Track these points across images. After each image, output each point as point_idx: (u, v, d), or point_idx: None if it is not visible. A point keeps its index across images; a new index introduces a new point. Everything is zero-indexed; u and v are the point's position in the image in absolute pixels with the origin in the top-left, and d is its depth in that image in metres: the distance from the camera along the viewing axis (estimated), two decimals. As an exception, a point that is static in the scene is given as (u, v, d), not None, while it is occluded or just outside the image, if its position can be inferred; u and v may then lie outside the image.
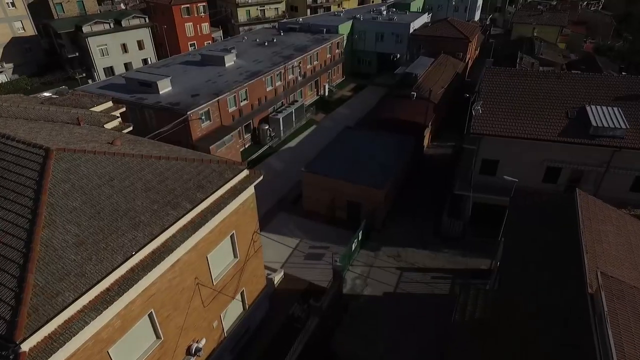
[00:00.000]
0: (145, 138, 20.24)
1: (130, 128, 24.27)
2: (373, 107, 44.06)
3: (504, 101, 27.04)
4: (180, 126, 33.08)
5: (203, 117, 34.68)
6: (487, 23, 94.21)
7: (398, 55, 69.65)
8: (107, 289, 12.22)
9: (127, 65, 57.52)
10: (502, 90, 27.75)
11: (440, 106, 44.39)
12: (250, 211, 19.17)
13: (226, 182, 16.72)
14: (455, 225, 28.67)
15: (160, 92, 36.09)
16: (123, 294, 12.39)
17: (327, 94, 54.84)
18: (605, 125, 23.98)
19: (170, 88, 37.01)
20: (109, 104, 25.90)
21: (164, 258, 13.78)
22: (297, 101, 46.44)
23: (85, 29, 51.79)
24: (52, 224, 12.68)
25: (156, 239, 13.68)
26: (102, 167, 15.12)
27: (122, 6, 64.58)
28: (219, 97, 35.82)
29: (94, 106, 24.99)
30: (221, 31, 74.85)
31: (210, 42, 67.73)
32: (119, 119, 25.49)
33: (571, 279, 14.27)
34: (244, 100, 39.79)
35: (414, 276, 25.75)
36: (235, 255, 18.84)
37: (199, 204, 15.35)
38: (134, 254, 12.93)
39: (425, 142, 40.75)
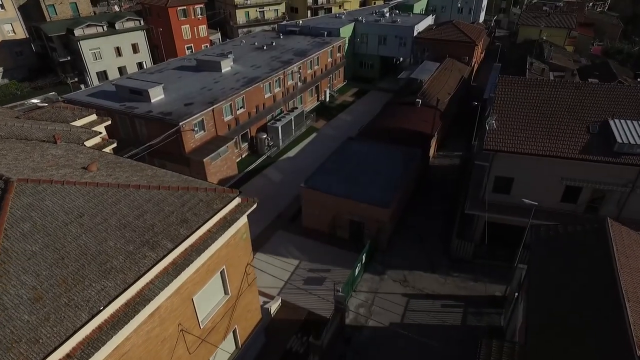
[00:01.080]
0: (127, 158, 18.30)
1: (114, 145, 22.37)
2: (376, 115, 42.10)
3: (519, 114, 25.07)
4: (173, 137, 31.18)
5: (197, 128, 32.74)
6: (492, 25, 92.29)
7: (401, 59, 67.88)
8: (67, 355, 10.28)
9: (121, 70, 55.60)
10: (517, 102, 25.78)
11: (447, 114, 42.44)
12: (243, 242, 17.22)
13: (214, 214, 14.78)
14: (465, 246, 26.71)
15: (152, 101, 34.16)
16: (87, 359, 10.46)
17: (328, 99, 52.91)
18: (632, 141, 22.00)
19: (162, 96, 35.07)
20: (93, 116, 23.99)
21: (140, 310, 11.85)
22: (296, 108, 44.51)
23: (77, 32, 49.86)
24: (5, 275, 10.74)
25: (130, 288, 11.75)
26: (70, 201, 13.18)
27: (117, 8, 62.62)
28: (214, 106, 33.87)
29: (75, 120, 23.08)
30: (219, 33, 72.93)
31: (208, 44, 65.80)
32: (103, 134, 23.62)
33: (612, 334, 12.31)
34: (241, 108, 37.85)
35: (422, 304, 23.78)
36: (226, 292, 16.90)
37: (182, 242, 13.41)
38: (102, 309, 10.99)
39: (431, 152, 38.77)
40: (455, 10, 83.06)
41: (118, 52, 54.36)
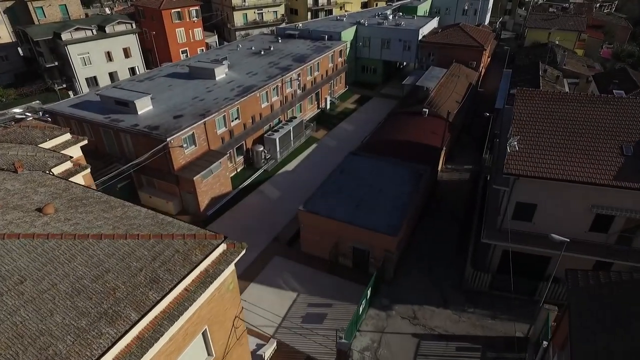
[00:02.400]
0: (97, 191, 15.76)
1: (87, 171, 19.87)
2: (380, 125, 39.55)
3: (542, 133, 22.49)
4: (160, 154, 28.63)
5: (186, 143, 30.19)
6: (497, 27, 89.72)
7: (405, 63, 65.33)
8: None
9: (112, 75, 53.07)
10: (539, 119, 23.20)
11: (455, 124, 39.85)
12: (230, 294, 14.66)
13: (193, 268, 12.22)
14: (481, 277, 24.15)
15: (139, 113, 31.60)
16: None
17: (328, 107, 50.35)
18: (673, 166, 19.47)
19: (150, 107, 32.52)
20: (66, 136, 21.52)
21: (90, 409, 9.30)
22: (295, 117, 41.94)
23: (65, 36, 47.32)
24: None
25: (78, 382, 9.19)
26: (10, 261, 10.64)
27: (108, 10, 60.12)
28: (206, 119, 31.32)
29: (46, 140, 20.57)
30: (216, 36, 70.41)
31: (203, 48, 63.26)
32: (78, 156, 21.13)
33: None
34: (236, 119, 35.30)
35: (435, 347, 21.22)
36: (209, 354, 14.34)
37: (150, 309, 10.86)
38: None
39: (439, 165, 36.21)
40: (460, 12, 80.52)
41: (109, 56, 51.82)
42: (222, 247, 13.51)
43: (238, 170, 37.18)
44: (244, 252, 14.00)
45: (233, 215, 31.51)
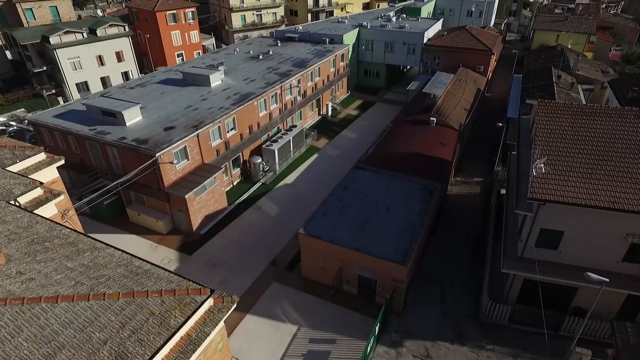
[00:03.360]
0: (66, 228, 13.55)
1: (61, 198, 17.60)
2: (385, 135, 37.30)
3: (570, 152, 20.28)
4: (150, 170, 26.43)
5: (178, 157, 27.97)
6: (503, 28, 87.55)
7: (409, 66, 63.13)
8: None
9: (104, 80, 50.83)
10: (566, 136, 21.00)
11: (464, 133, 37.63)
12: (219, 353, 12.45)
13: (172, 336, 10.02)
14: (499, 309, 21.94)
15: (127, 124, 29.38)
16: None
17: (330, 113, 48.14)
18: None
19: (140, 118, 30.30)
20: (41, 156, 19.28)
21: None
22: (295, 126, 39.71)
23: (53, 39, 45.07)
24: None
25: None
26: None
27: (100, 13, 57.86)
28: (199, 131, 29.09)
29: (16, 162, 18.35)
30: (213, 39, 68.18)
31: (200, 51, 61.04)
32: (53, 178, 18.93)
33: None
34: (232, 130, 33.08)
35: (451, 393, 19.03)
36: None
37: (113, 399, 8.65)
38: None
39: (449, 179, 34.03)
40: (464, 14, 78.51)
41: (100, 61, 49.58)
42: (209, 303, 11.27)
43: (234, 183, 34.96)
44: (234, 306, 11.75)
45: (228, 234, 29.29)
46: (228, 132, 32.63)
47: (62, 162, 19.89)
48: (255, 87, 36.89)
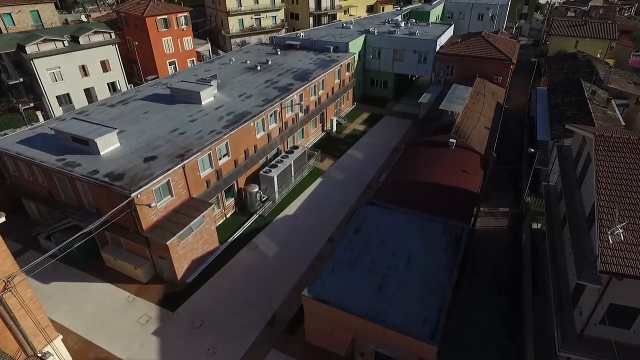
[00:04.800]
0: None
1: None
2: (398, 158, 33.10)
3: (646, 205, 16.08)
4: (126, 211, 22.25)
5: (160, 194, 23.76)
6: (514, 32, 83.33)
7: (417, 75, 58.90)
8: None
9: (89, 92, 46.56)
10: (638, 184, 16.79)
11: (487, 155, 33.38)
12: None
13: None
14: (551, 394, 17.75)
15: (102, 153, 25.19)
16: None
17: (334, 129, 43.93)
18: None
19: (117, 145, 26.10)
20: (-28, 214, 15.02)
21: None
22: (297, 147, 35.48)
23: (30, 48, 40.82)
24: None
25: None
26: None
27: (84, 18, 53.58)
28: (186, 161, 24.88)
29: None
30: (209, 44, 63.94)
31: (194, 59, 56.79)
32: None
33: None
34: (225, 156, 28.89)
35: None
36: None
37: None
38: None
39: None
40: (475, 17, 74.34)
41: (84, 71, 45.35)
42: None
43: (227, 215, 30.77)
44: None
45: (219, 282, 25.08)
46: (220, 159, 28.44)
47: (3, 219, 15.69)
48: (251, 105, 32.68)
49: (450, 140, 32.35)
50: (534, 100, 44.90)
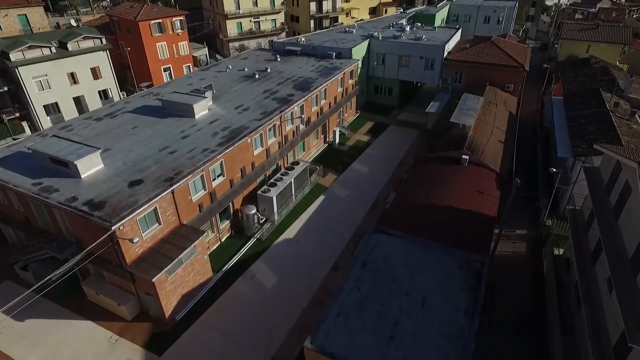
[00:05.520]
0: None
1: None
2: (407, 176, 30.78)
3: None
4: (108, 245, 19.90)
5: (145, 224, 21.41)
6: (521, 35, 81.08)
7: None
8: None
9: (78, 100, 44.26)
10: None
11: (503, 172, 30.96)
12: None
13: None
14: None
15: (83, 176, 22.84)
16: None
17: (337, 140, 41.56)
18: None
19: (100, 167, 23.75)
20: None
21: None
22: (297, 163, 33.12)
23: (14, 55, 38.48)
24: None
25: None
26: None
27: (73, 22, 51.23)
28: (175, 186, 22.52)
29: None
30: (206, 49, 61.57)
31: (190, 65, 54.44)
32: None
33: None
34: (219, 176, 26.53)
35: None
36: None
37: None
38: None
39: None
40: (481, 20, 71.97)
41: (73, 78, 43.01)
42: None
43: (222, 240, 28.41)
44: None
45: (212, 319, 22.71)
46: (214, 179, 26.08)
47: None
48: (249, 119, 30.30)
49: (463, 156, 29.98)
50: (548, 109, 42.60)
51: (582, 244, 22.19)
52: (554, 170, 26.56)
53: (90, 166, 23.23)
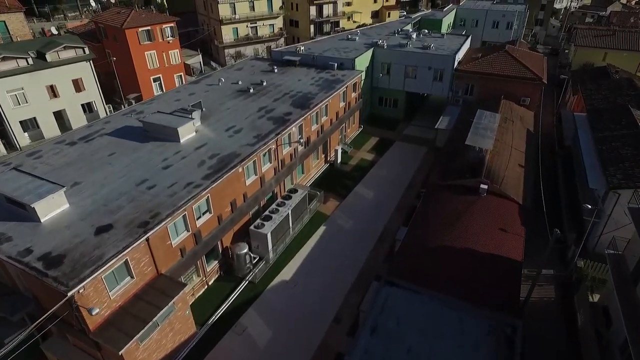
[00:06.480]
0: None
1: None
2: (419, 207, 27.37)
3: None
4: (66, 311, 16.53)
5: (114, 279, 18.05)
6: (530, 40, 77.80)
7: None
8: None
9: (59, 115, 41.01)
10: None
11: (527, 205, 27.54)
12: None
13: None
14: None
15: (43, 220, 19.51)
16: None
17: (339, 160, 38.20)
18: None
19: (65, 207, 20.42)
20: None
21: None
22: (296, 191, 29.76)
23: (-14, 68, 35.35)
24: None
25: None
26: None
27: (54, 30, 47.82)
28: (151, 232, 19.14)
29: None
30: (200, 56, 58.23)
31: (182, 74, 51.09)
32: None
33: None
34: (205, 213, 23.17)
35: None
36: None
37: None
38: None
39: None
40: (489, 25, 68.61)
41: (53, 92, 39.68)
42: None
43: (209, 283, 25.04)
44: None
45: (195, 387, 19.39)
46: (199, 217, 22.71)
47: None
48: (241, 144, 26.92)
49: (482, 186, 26.67)
50: (568, 126, 39.24)
51: (630, 301, 18.84)
52: (589, 206, 23.15)
53: (52, 208, 19.87)
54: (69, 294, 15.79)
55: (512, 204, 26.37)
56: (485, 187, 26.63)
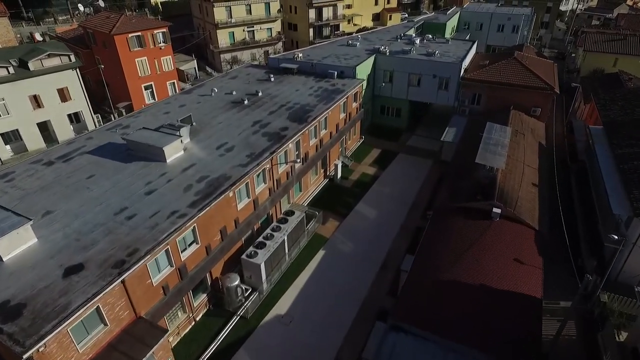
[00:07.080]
0: None
1: None
2: (425, 232, 25.18)
3: None
4: (22, 367, 14.31)
5: (84, 330, 15.88)
6: (536, 43, 75.59)
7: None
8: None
9: (45, 126, 38.84)
10: None
11: (543, 230, 25.33)
12: None
13: None
14: None
15: (5, 259, 17.36)
16: None
17: (339, 175, 36.02)
18: None
19: (33, 241, 18.26)
20: None
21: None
22: (292, 213, 27.59)
23: (-37, 78, 33.21)
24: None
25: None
26: None
27: (38, 36, 45.62)
28: (127, 274, 16.95)
29: None
30: (195, 62, 56.06)
31: (175, 81, 48.92)
32: None
33: None
34: (192, 244, 20.99)
35: None
36: None
37: None
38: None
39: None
40: (494, 29, 66.45)
41: (36, 101, 37.51)
42: None
43: (197, 319, 22.85)
44: None
45: None
46: (184, 250, 20.53)
47: None
48: (232, 165, 24.73)
49: (494, 210, 24.51)
50: (582, 139, 37.08)
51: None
52: (615, 237, 20.93)
53: (16, 245, 17.69)
54: (25, 356, 13.61)
55: (528, 230, 24.29)
56: (499, 211, 24.51)
